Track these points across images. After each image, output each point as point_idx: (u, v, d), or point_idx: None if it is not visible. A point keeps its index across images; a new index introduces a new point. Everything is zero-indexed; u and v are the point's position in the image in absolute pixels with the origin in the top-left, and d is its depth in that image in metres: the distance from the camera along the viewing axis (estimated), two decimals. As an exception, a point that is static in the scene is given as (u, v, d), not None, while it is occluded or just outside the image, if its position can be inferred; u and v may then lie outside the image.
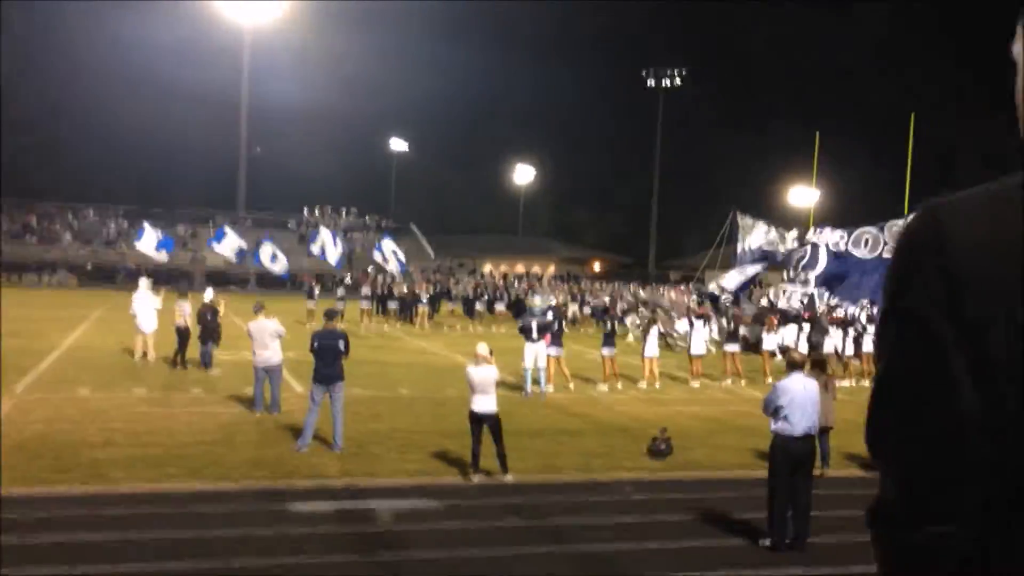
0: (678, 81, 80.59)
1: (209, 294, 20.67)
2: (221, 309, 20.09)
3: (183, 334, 19.83)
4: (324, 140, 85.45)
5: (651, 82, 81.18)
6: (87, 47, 76.53)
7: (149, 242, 32.03)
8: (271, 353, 14.63)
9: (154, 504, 9.50)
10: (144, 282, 21.87)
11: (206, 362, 19.41)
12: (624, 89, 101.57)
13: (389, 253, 33.36)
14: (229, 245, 31.78)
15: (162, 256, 34.80)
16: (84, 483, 10.13)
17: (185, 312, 20.02)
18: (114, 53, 77.45)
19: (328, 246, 32.43)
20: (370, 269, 43.47)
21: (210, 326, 19.42)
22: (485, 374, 11.02)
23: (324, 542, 8.57)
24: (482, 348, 11.53)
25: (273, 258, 30.55)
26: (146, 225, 36.19)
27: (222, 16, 60.98)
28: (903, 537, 1.09)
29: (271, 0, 59.42)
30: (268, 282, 51.08)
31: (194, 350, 19.62)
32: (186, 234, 65.17)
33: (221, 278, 50.84)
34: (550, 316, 19.29)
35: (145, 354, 20.62)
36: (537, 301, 22.17)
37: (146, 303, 20.78)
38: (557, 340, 18.99)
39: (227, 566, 7.73)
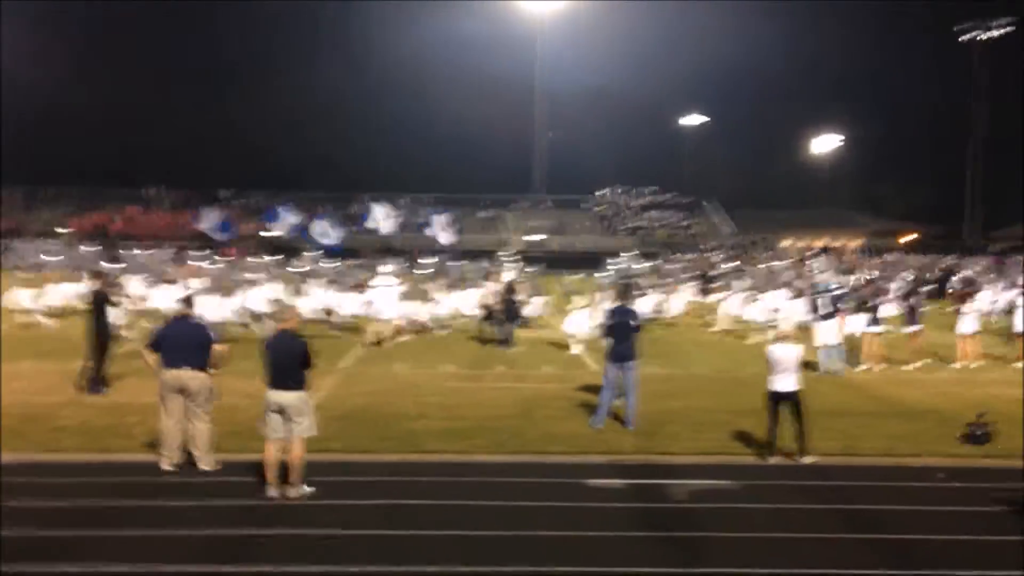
0: (999, 32, 72.99)
1: (508, 276, 21.68)
2: (519, 291, 21.02)
3: (490, 312, 21.02)
4: (618, 119, 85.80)
5: (966, 37, 74.21)
6: (392, 44, 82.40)
7: (210, 223, 36.36)
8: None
9: (463, 473, 10.16)
10: (385, 268, 22.43)
11: (508, 340, 20.40)
12: (935, 47, 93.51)
13: (445, 225, 35.66)
14: (283, 224, 36.66)
15: (222, 237, 38.87)
16: (401, 452, 11.04)
17: (492, 292, 21.16)
18: (416, 48, 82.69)
19: (381, 220, 35.75)
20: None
21: (510, 306, 20.40)
22: (788, 352, 10.74)
23: (620, 517, 8.77)
24: (785, 325, 11.25)
25: (324, 234, 34.53)
26: (201, 209, 41.52)
27: (516, 6, 63.51)
28: None
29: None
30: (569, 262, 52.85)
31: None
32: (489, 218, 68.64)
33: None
34: (839, 292, 18.75)
35: (380, 342, 19.96)
36: (825, 278, 21.34)
37: (387, 290, 20.48)
38: (874, 318, 18.50)
39: (529, 534, 8.14)
